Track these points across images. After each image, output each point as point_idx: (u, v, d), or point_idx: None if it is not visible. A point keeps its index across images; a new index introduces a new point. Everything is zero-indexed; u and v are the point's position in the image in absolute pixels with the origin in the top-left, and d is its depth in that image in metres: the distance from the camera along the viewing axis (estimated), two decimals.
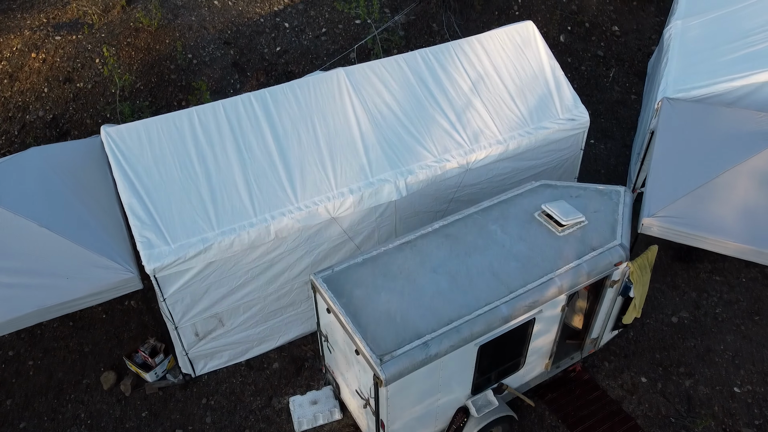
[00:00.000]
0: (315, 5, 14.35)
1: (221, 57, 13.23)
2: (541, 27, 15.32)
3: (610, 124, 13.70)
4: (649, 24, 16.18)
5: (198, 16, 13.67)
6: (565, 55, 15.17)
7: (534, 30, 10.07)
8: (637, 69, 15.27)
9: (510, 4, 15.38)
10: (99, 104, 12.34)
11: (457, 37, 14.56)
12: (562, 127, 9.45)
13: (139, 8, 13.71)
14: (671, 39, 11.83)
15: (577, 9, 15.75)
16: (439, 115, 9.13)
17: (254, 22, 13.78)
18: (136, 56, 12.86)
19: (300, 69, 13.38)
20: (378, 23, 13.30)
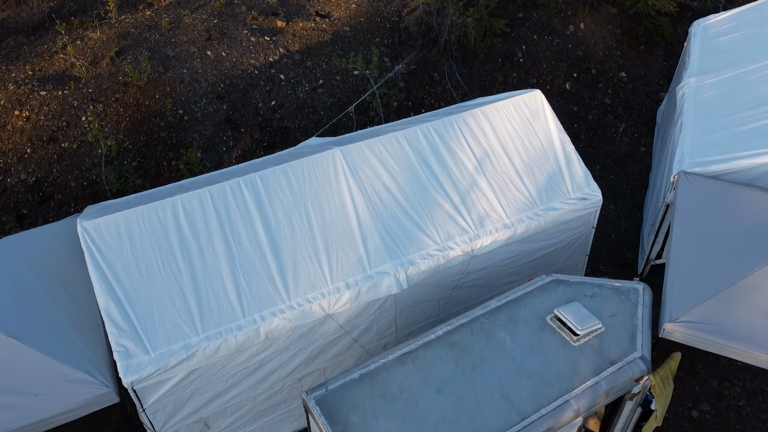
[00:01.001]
0: (312, 55, 13.72)
1: (213, 112, 12.58)
2: (546, 74, 14.69)
3: (619, 181, 13.03)
4: (657, 69, 15.55)
5: (190, 69, 13.03)
6: (571, 104, 14.53)
7: (542, 100, 9.41)
8: (645, 118, 14.63)
9: (514, 51, 14.75)
10: (85, 165, 11.68)
11: (459, 86, 13.93)
12: (573, 208, 8.78)
13: (128, 59, 13.09)
14: (684, 99, 11.18)
15: (584, 55, 15.12)
16: (441, 197, 8.47)
17: (248, 74, 13.14)
18: (125, 113, 12.21)
19: (295, 124, 12.74)
20: (377, 78, 12.67)
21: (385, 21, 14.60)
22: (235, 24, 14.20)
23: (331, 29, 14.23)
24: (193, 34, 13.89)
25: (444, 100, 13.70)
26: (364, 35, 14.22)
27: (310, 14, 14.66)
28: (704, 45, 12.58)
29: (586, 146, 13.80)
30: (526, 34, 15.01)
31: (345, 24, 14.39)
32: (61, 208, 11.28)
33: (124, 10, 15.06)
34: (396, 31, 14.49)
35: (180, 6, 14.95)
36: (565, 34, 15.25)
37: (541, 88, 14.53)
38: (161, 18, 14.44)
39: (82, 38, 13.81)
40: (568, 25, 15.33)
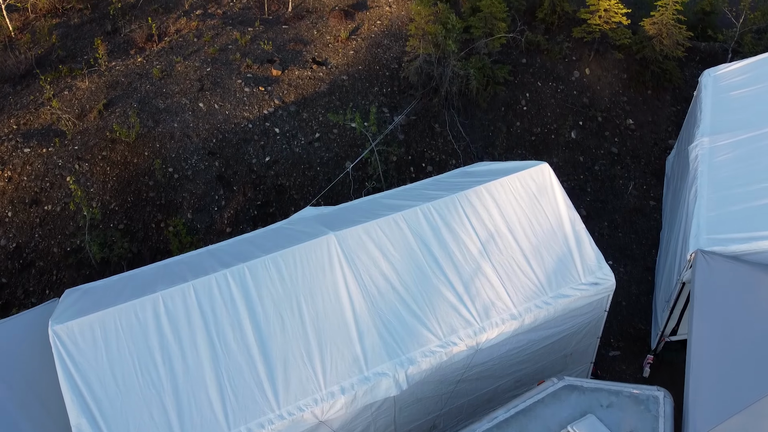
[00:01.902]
0: (308, 106, 13.14)
1: (205, 169, 11.99)
2: (550, 123, 14.11)
3: (629, 240, 12.42)
4: (665, 114, 14.97)
5: (181, 122, 12.44)
6: (577, 154, 13.93)
7: (550, 174, 8.81)
8: (654, 167, 14.03)
9: (517, 99, 14.18)
10: (68, 229, 11.07)
11: (460, 137, 13.35)
12: (584, 294, 8.17)
13: (117, 112, 12.51)
14: (698, 162, 10.58)
15: (589, 102, 14.54)
16: (444, 285, 7.85)
17: (242, 128, 12.55)
18: (112, 172, 11.61)
19: (291, 181, 12.13)
20: (375, 134, 12.07)
21: (383, 68, 14.03)
22: (229, 72, 13.63)
23: (329, 78, 13.65)
24: (185, 83, 13.31)
25: (445, 152, 13.12)
26: (363, 84, 13.64)
27: (306, 61, 14.09)
28: (716, 99, 11.99)
29: (593, 200, 13.19)
30: (530, 80, 14.45)
31: (343, 72, 13.82)
32: (43, 276, 10.66)
33: (115, 55, 14.50)
34: (395, 80, 13.92)
35: (173, 52, 14.40)
36: (570, 80, 14.68)
37: (546, 137, 13.95)
38: (153, 65, 13.87)
39: (70, 88, 13.24)
40: (573, 71, 14.76)
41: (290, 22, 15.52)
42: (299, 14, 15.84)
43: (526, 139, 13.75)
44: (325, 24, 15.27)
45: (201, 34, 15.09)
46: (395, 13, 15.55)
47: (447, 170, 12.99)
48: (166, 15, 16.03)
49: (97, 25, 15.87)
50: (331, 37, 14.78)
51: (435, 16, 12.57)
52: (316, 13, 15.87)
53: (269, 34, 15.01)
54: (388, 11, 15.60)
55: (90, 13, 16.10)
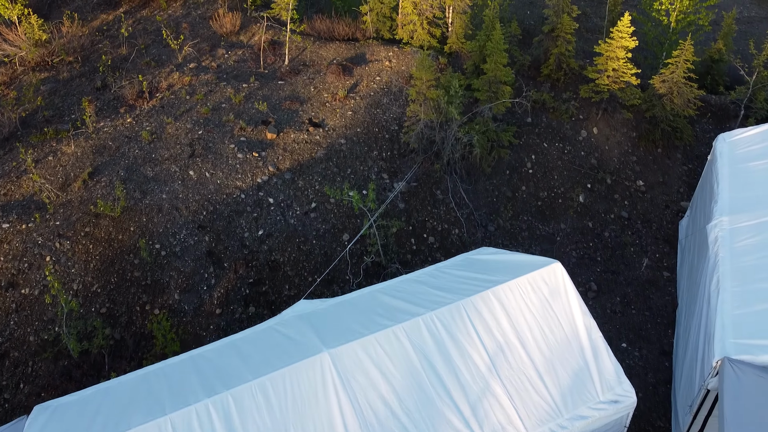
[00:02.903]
0: (304, 174, 12.44)
1: (194, 245, 11.25)
2: (557, 186, 13.40)
3: (643, 318, 11.65)
4: (676, 174, 14.26)
5: (170, 193, 11.73)
6: (586, 219, 13.20)
7: (563, 275, 8.07)
8: (666, 233, 13.29)
9: (522, 162, 13.48)
10: (47, 315, 10.30)
11: (463, 204, 12.62)
12: (603, 414, 7.38)
13: (103, 182, 11.79)
14: (719, 246, 9.83)
15: (597, 163, 13.84)
16: (449, 409, 7.07)
17: (234, 198, 11.84)
18: (95, 251, 10.88)
19: (285, 257, 11.38)
20: (376, 204, 11.35)
21: (383, 130, 13.35)
22: (222, 136, 12.95)
23: (325, 141, 12.97)
24: (176, 148, 12.63)
25: (447, 221, 12.39)
26: (361, 148, 12.95)
27: (302, 122, 13.41)
28: (734, 170, 11.28)
29: (603, 270, 12.44)
30: (536, 141, 13.76)
31: (340, 134, 13.14)
32: (18, 368, 9.87)
33: (104, 113, 13.83)
34: (395, 142, 13.24)
35: (164, 111, 13.73)
36: (577, 140, 14.00)
37: (553, 201, 13.24)
38: (142, 127, 13.19)
39: (55, 153, 12.54)
40: (581, 130, 14.09)
41: (286, 77, 14.87)
42: (295, 68, 15.20)
43: (532, 204, 13.02)
44: (323, 80, 14.62)
45: (194, 90, 14.44)
46: (395, 67, 14.91)
47: (449, 241, 12.29)
48: (159, 68, 15.41)
49: (87, 80, 15.23)
50: (328, 95, 14.12)
51: (437, 80, 11.91)
52: (313, 67, 15.23)
53: (264, 91, 14.36)
54: (387, 66, 14.95)
55: (80, 66, 15.47)
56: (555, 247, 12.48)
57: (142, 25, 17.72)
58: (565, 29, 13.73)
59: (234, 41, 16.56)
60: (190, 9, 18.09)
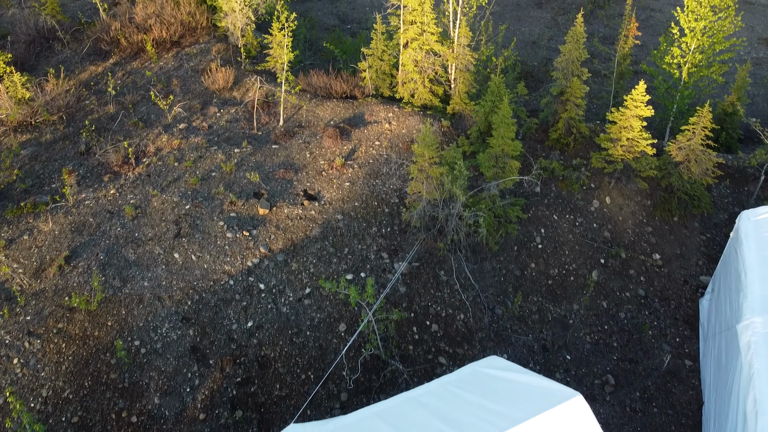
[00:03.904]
0: (298, 255, 11.49)
1: (177, 340, 10.26)
2: (569, 263, 12.45)
3: (666, 418, 10.60)
4: (694, 244, 13.31)
5: (152, 280, 10.76)
6: (599, 298, 12.22)
7: (585, 410, 7.08)
8: (686, 312, 12.28)
9: (531, 236, 12.53)
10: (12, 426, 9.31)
11: (469, 286, 11.65)
12: None
13: (80, 267, 10.81)
14: (752, 354, 8.83)
15: (611, 235, 12.89)
16: None
17: (222, 285, 10.87)
18: (67, 350, 9.88)
19: (276, 352, 10.39)
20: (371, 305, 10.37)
21: (382, 204, 12.42)
22: (210, 211, 12.00)
23: (321, 217, 12.03)
24: (161, 226, 11.68)
25: (452, 305, 11.41)
26: (359, 225, 12.01)
27: (297, 194, 12.47)
28: (763, 258, 10.29)
29: (620, 359, 11.42)
30: (545, 213, 12.83)
31: (337, 209, 12.20)
32: None
33: (87, 182, 12.89)
34: (395, 217, 12.30)
35: (150, 181, 12.80)
36: (588, 210, 13.07)
37: (564, 279, 12.27)
38: (126, 199, 12.25)
39: (31, 231, 11.60)
40: (592, 200, 13.16)
41: (280, 141, 13.97)
42: (290, 130, 14.30)
43: (543, 283, 12.05)
44: (319, 144, 13.72)
45: (183, 155, 13.53)
46: (395, 131, 14.02)
47: (454, 328, 11.29)
48: (147, 129, 14.52)
49: (71, 142, 14.32)
50: (325, 162, 13.21)
51: (440, 156, 11.01)
52: (309, 129, 14.34)
53: (257, 157, 13.45)
54: (387, 129, 14.07)
55: (64, 127, 14.57)
56: (568, 333, 11.49)
57: (131, 78, 16.88)
58: (575, 93, 12.86)
59: (227, 98, 15.70)
60: (182, 61, 17.26)
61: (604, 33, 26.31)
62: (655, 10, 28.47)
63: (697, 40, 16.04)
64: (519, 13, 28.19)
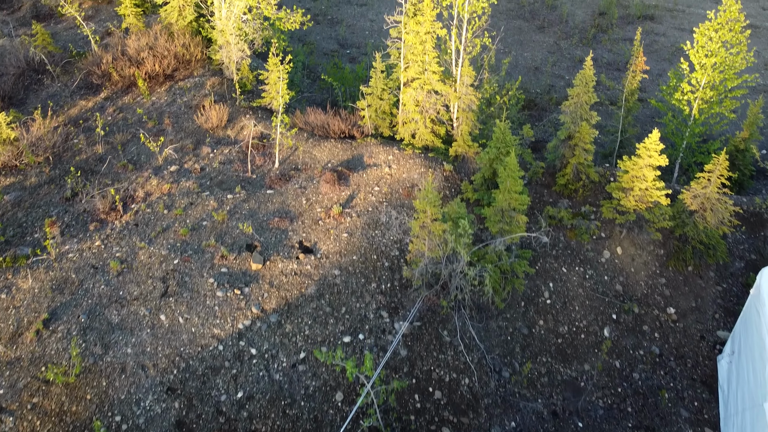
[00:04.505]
0: (292, 315, 10.75)
1: (162, 414, 9.49)
2: (579, 319, 11.71)
3: None
4: (710, 296, 12.56)
5: (136, 346, 10.01)
6: (612, 357, 11.45)
7: None
8: (703, 371, 11.51)
9: (539, 291, 11.80)
10: None
11: (474, 347, 10.89)
12: None
13: (59, 331, 10.06)
14: None
15: (623, 288, 12.15)
16: None
17: (210, 351, 10.12)
18: (43, 428, 9.13)
19: (268, 426, 9.59)
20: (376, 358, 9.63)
21: (382, 257, 11.70)
22: (200, 266, 11.27)
23: (317, 273, 11.30)
24: (147, 284, 10.94)
25: (456, 369, 10.64)
26: (357, 280, 11.28)
27: (292, 246, 11.74)
28: None
29: (636, 426, 10.63)
30: (553, 266, 12.10)
31: (334, 263, 11.47)
32: None
33: (71, 232, 12.15)
34: (396, 271, 11.57)
35: (137, 231, 12.07)
36: (599, 261, 12.34)
37: (575, 338, 11.52)
38: (111, 252, 11.51)
39: (9, 289, 10.82)
40: (603, 251, 12.43)
41: (275, 185, 13.26)
42: (286, 173, 13.59)
43: (551, 342, 11.31)
44: (316, 189, 13.01)
45: (173, 202, 12.82)
46: (396, 175, 13.32)
47: (458, 394, 10.52)
48: (137, 172, 13.81)
49: (56, 186, 13.61)
50: (321, 210, 12.50)
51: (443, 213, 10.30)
52: (305, 172, 13.64)
53: (251, 204, 12.73)
54: (387, 173, 13.37)
55: (50, 170, 13.86)
56: (580, 397, 10.74)
57: (123, 114, 16.19)
58: (584, 138, 12.18)
59: (220, 136, 15.01)
60: (176, 95, 16.59)
61: (608, 58, 25.70)
62: (659, 34, 27.87)
63: (708, 76, 15.40)
64: (521, 37, 27.58)
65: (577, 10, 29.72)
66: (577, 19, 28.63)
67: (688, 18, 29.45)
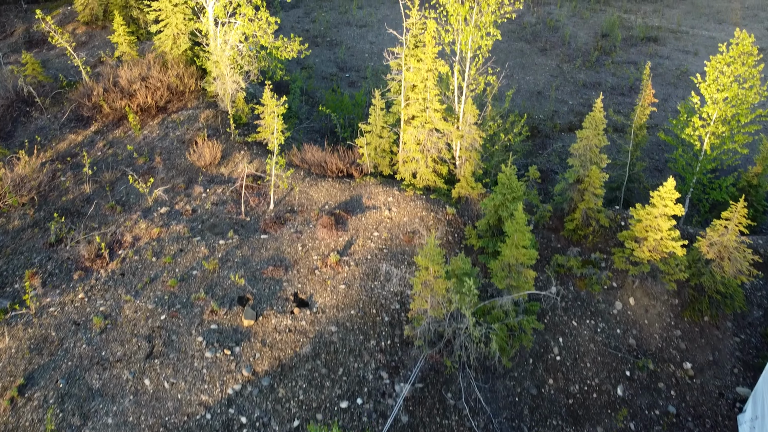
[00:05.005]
0: (285, 378, 10.00)
1: None
2: (591, 376, 10.97)
3: None
4: (727, 348, 11.84)
5: (118, 415, 9.26)
6: (627, 419, 10.70)
7: None
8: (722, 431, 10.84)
9: (548, 347, 11.09)
10: None
11: (480, 410, 10.14)
12: None
13: (35, 400, 9.28)
14: None
15: (636, 342, 11.43)
16: None
17: (197, 421, 9.37)
18: None
19: None
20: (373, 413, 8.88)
21: (382, 311, 11.00)
22: (188, 322, 10.56)
23: (313, 329, 10.59)
24: (132, 342, 10.21)
25: None
26: (356, 337, 10.57)
27: (286, 299, 11.03)
28: None
29: None
30: (563, 319, 11.40)
31: (331, 318, 10.77)
32: None
33: (54, 282, 11.42)
34: (396, 327, 10.86)
35: (123, 282, 11.34)
36: (611, 314, 11.63)
37: (586, 397, 10.79)
38: (95, 306, 10.78)
39: None
40: (615, 302, 11.73)
41: (270, 230, 12.57)
42: (281, 216, 12.91)
43: (562, 402, 10.57)
44: (312, 234, 12.32)
45: (162, 248, 12.12)
46: (396, 218, 12.64)
47: None
48: (125, 214, 13.13)
49: (40, 230, 12.90)
50: (318, 258, 11.81)
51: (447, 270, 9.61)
52: (301, 214, 12.95)
53: (244, 250, 12.04)
54: (387, 216, 12.69)
55: (34, 213, 13.16)
56: None
57: (113, 149, 15.53)
58: (594, 183, 11.51)
59: (214, 174, 14.34)
60: (168, 129, 15.95)
61: (612, 83, 25.05)
62: (664, 57, 27.25)
63: (720, 110, 14.77)
64: (523, 60, 26.97)
65: (580, 31, 29.16)
66: (579, 41, 28.06)
67: (692, 40, 28.88)
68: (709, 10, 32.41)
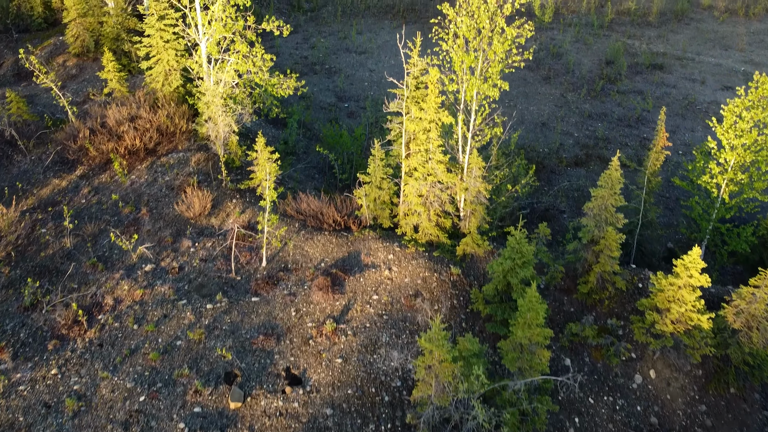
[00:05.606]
0: None
1: None
2: None
3: None
4: (756, 423, 10.83)
5: None
6: None
7: None
8: None
9: (564, 429, 10.11)
10: None
11: None
12: None
13: None
14: None
15: (659, 421, 10.45)
16: None
17: None
18: None
19: None
20: None
21: (381, 389, 10.02)
22: (170, 405, 9.56)
23: (306, 412, 9.61)
24: (107, 430, 9.24)
25: None
26: (353, 422, 9.58)
27: (278, 375, 10.05)
28: None
29: None
30: (579, 396, 10.41)
31: (326, 399, 9.77)
32: None
33: (26, 352, 10.41)
34: (397, 408, 9.88)
35: (101, 354, 10.33)
36: (630, 388, 10.66)
37: None
38: (69, 384, 9.75)
39: None
40: (634, 375, 10.76)
41: (262, 291, 11.61)
42: (274, 275, 11.94)
43: None
44: (307, 297, 11.36)
45: (144, 313, 11.15)
46: (396, 279, 11.69)
47: None
48: (107, 273, 12.16)
49: (15, 292, 11.91)
50: (313, 325, 10.84)
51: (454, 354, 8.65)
52: (296, 273, 11.99)
53: (233, 316, 11.07)
54: (387, 277, 11.74)
55: (10, 270, 12.23)
56: None
57: (98, 196, 14.60)
58: (610, 245, 10.58)
59: (203, 225, 13.40)
60: (157, 174, 15.03)
61: (618, 113, 24.13)
62: (670, 86, 26.38)
63: (738, 156, 13.88)
64: (526, 89, 26.10)
65: (584, 58, 28.32)
66: (583, 69, 27.21)
67: (699, 67, 28.03)
68: (714, 35, 31.64)
